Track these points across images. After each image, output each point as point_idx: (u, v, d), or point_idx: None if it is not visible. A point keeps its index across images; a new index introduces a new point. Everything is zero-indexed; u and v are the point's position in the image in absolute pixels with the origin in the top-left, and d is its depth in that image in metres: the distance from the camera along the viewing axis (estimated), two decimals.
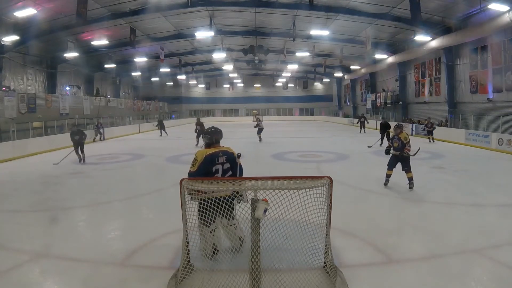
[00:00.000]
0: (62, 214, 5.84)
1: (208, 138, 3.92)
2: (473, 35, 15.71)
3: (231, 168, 3.85)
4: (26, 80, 20.44)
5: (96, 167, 10.57)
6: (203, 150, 3.81)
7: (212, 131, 3.93)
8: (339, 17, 18.88)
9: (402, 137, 6.92)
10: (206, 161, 3.68)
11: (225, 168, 3.80)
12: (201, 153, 3.74)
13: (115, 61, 25.48)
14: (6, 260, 3.91)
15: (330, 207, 3.30)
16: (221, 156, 3.77)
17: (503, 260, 3.81)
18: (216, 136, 3.90)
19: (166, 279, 3.38)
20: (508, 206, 5.94)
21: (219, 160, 3.75)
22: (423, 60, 21.72)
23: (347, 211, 5.48)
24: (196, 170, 3.67)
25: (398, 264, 3.82)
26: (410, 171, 6.97)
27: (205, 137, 3.96)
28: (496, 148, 13.25)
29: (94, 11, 16.06)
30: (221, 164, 3.76)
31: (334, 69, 33.31)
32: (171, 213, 4.70)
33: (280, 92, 45.25)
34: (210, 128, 4.03)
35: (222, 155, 3.78)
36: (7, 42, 15.89)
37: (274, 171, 9.01)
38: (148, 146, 16.21)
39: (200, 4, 17.74)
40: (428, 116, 17.71)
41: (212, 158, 3.71)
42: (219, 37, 23.10)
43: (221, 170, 3.77)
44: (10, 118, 15.58)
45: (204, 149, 3.85)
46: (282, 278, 3.15)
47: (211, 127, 4.05)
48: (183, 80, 39.17)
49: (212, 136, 3.89)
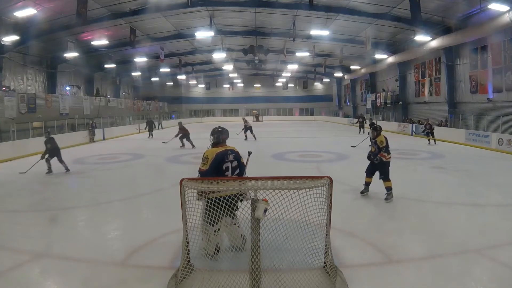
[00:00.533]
0: (62, 214, 5.85)
1: (215, 137, 4.00)
2: (473, 35, 15.71)
3: (238, 166, 3.96)
4: (26, 80, 20.44)
5: (96, 167, 10.57)
6: (213, 149, 3.89)
7: (219, 131, 4.02)
8: (339, 17, 18.88)
9: (378, 141, 6.27)
10: (217, 159, 3.76)
11: (234, 166, 3.89)
12: (211, 152, 3.82)
13: (115, 61, 25.47)
14: (6, 260, 3.91)
15: (330, 207, 3.30)
16: (229, 154, 3.87)
17: (503, 260, 3.81)
18: (223, 135, 4.00)
19: (166, 279, 3.38)
20: (508, 206, 5.94)
21: (228, 158, 3.84)
22: (423, 60, 21.72)
23: (347, 211, 5.48)
24: (209, 168, 3.74)
25: (398, 264, 3.82)
26: (388, 180, 6.19)
27: (213, 136, 4.03)
28: (496, 148, 13.25)
29: (94, 11, 16.05)
30: (230, 162, 3.85)
31: (334, 69, 33.31)
32: (171, 213, 4.70)
33: (280, 92, 45.25)
34: (217, 127, 4.11)
35: (231, 153, 3.89)
36: (7, 42, 15.88)
37: (274, 171, 9.00)
38: (148, 146, 16.20)
39: (200, 4, 17.73)
40: (427, 117, 17.66)
41: (222, 156, 3.81)
42: (219, 37, 23.10)
43: (230, 168, 3.86)
44: (10, 118, 15.57)
45: (213, 148, 3.92)
46: (282, 278, 3.15)
47: (218, 126, 4.13)
48: (183, 80, 39.19)
49: (220, 136, 3.98)
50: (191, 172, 4.08)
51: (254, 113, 43.78)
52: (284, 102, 45.37)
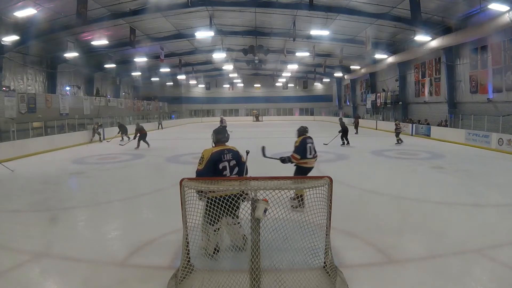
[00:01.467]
0: (62, 214, 5.84)
1: (213, 137, 4.10)
2: (473, 35, 15.70)
3: (238, 165, 3.99)
4: (26, 80, 20.44)
5: (96, 167, 10.56)
6: (209, 149, 3.95)
7: (216, 131, 4.13)
8: (339, 17, 18.88)
9: (295, 144, 5.71)
10: (213, 159, 3.81)
11: (232, 165, 3.92)
12: (207, 152, 3.88)
13: (115, 61, 25.46)
14: (6, 260, 3.91)
15: (330, 207, 3.30)
16: (226, 153, 3.91)
17: (503, 260, 3.81)
18: (219, 135, 4.05)
19: (166, 279, 3.38)
20: (508, 206, 5.94)
21: (225, 157, 3.88)
22: (423, 60, 21.71)
23: (347, 211, 5.47)
24: (204, 167, 3.78)
25: (398, 264, 3.82)
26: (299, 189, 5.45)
27: (212, 136, 4.14)
28: (496, 148, 13.25)
29: (94, 11, 16.05)
30: (227, 161, 3.88)
31: (334, 69, 33.30)
32: (171, 213, 4.70)
33: (280, 92, 45.25)
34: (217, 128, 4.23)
35: (228, 152, 3.93)
36: (7, 42, 15.88)
37: (274, 171, 8.99)
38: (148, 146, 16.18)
39: (200, 4, 17.73)
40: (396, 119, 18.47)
41: (218, 156, 3.85)
42: (219, 37, 23.09)
43: (228, 167, 3.89)
44: (10, 118, 15.57)
45: (210, 148, 3.99)
46: (282, 278, 3.15)
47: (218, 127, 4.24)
48: (183, 80, 39.18)
49: (217, 135, 4.06)
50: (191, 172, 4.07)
51: (254, 113, 43.79)
52: (284, 102, 45.38)
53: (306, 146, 5.61)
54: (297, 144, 5.65)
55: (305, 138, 5.72)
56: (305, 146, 5.60)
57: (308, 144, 5.65)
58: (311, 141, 5.75)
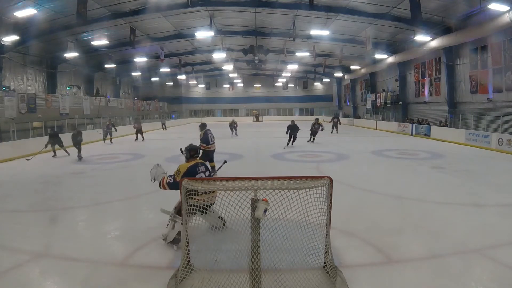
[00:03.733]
0: (62, 214, 5.85)
1: (187, 153, 4.70)
2: (473, 35, 15.70)
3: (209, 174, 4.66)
4: (26, 80, 20.45)
5: (96, 167, 10.57)
6: (185, 164, 4.46)
7: (189, 149, 4.70)
8: (339, 17, 18.88)
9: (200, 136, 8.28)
10: (189, 171, 4.27)
11: (206, 175, 4.51)
12: (183, 166, 4.38)
13: (115, 61, 25.47)
14: (6, 260, 3.91)
15: (330, 207, 3.30)
16: (200, 166, 4.48)
17: (503, 260, 3.81)
18: (191, 152, 4.68)
19: (166, 279, 3.39)
20: (508, 206, 5.94)
21: (199, 169, 4.44)
22: (423, 60, 21.71)
23: (347, 211, 5.47)
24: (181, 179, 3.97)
25: (398, 264, 3.82)
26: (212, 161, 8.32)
27: (185, 152, 4.77)
28: (496, 148, 13.25)
29: (94, 11, 16.05)
30: (203, 172, 4.45)
31: (334, 69, 33.28)
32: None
33: (280, 92, 45.23)
34: (189, 145, 4.80)
35: (201, 165, 4.52)
36: (7, 42, 15.89)
37: (274, 171, 9.01)
38: (148, 146, 16.20)
39: (200, 4, 17.73)
40: (316, 117, 18.42)
41: (193, 169, 4.38)
42: (219, 37, 23.09)
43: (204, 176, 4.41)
44: (10, 118, 15.58)
45: (185, 163, 4.51)
46: (282, 278, 3.15)
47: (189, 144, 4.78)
48: (183, 80, 39.14)
49: (189, 152, 4.68)
50: None
51: (254, 113, 43.78)
52: (284, 102, 45.36)
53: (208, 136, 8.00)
54: (201, 137, 7.90)
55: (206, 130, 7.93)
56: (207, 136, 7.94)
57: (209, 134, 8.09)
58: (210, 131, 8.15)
